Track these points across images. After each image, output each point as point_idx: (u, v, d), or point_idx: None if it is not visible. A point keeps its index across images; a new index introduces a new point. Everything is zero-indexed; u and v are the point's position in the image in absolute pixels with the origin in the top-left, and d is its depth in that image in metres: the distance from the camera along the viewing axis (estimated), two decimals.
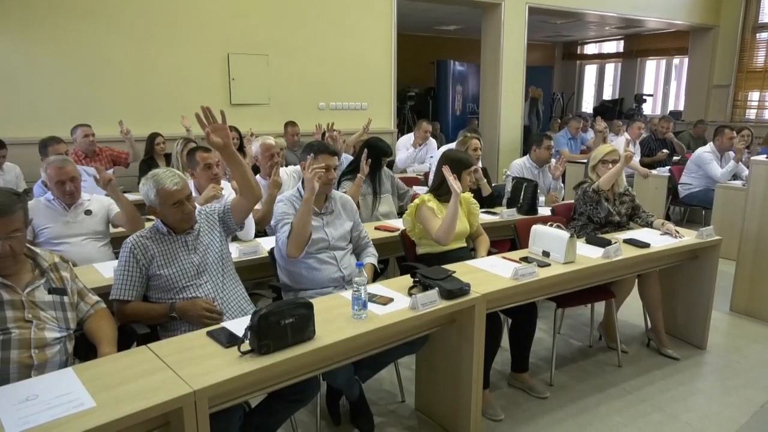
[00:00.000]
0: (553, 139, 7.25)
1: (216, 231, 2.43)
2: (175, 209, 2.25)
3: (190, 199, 2.30)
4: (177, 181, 2.25)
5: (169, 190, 2.23)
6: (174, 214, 2.26)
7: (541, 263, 2.73)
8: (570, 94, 14.00)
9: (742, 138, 5.78)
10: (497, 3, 7.40)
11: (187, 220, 2.30)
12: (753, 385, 3.03)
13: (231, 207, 2.45)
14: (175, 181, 2.25)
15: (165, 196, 2.23)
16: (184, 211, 2.25)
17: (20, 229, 1.83)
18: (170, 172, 2.30)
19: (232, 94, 5.92)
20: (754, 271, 3.86)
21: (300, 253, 2.50)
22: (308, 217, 2.48)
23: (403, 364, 2.94)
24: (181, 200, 2.25)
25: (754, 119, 9.49)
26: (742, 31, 9.44)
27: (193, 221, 2.33)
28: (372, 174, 3.78)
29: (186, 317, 2.19)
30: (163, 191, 2.23)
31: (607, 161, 3.41)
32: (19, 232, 1.82)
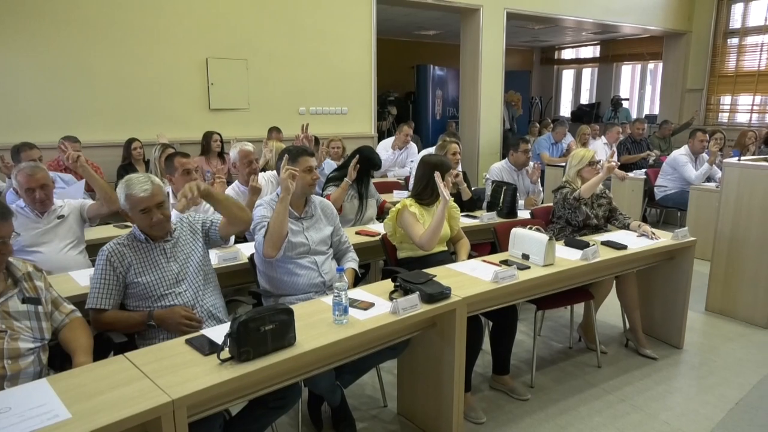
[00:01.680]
0: (536, 143, 7.40)
1: (198, 240, 2.40)
2: (144, 216, 2.21)
3: (161, 207, 2.25)
4: (146, 188, 2.21)
5: (136, 197, 2.20)
6: (142, 221, 2.23)
7: (521, 266, 2.75)
8: (548, 99, 14.16)
9: (715, 141, 5.91)
10: (476, 8, 7.47)
11: (158, 228, 2.26)
12: (728, 383, 3.09)
13: (219, 226, 2.44)
14: (145, 188, 2.21)
15: (133, 202, 2.21)
16: (152, 218, 2.21)
17: (8, 237, 1.82)
18: (143, 178, 2.26)
19: (210, 98, 5.88)
20: (727, 271, 3.94)
21: (277, 252, 2.48)
22: (285, 215, 2.46)
23: (384, 369, 2.93)
24: (149, 208, 2.21)
25: (727, 122, 9.71)
26: (714, 37, 9.66)
27: (165, 229, 2.29)
28: (359, 180, 3.79)
29: (164, 325, 2.16)
30: (131, 197, 2.21)
31: (594, 163, 3.46)
32: (8, 239, 1.81)
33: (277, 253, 2.49)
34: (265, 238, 2.47)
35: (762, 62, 9.26)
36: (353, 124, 6.77)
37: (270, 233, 2.46)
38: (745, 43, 9.50)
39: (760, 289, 3.78)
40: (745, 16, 9.44)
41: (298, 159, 2.65)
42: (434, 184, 2.95)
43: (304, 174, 2.62)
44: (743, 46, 9.52)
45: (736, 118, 9.74)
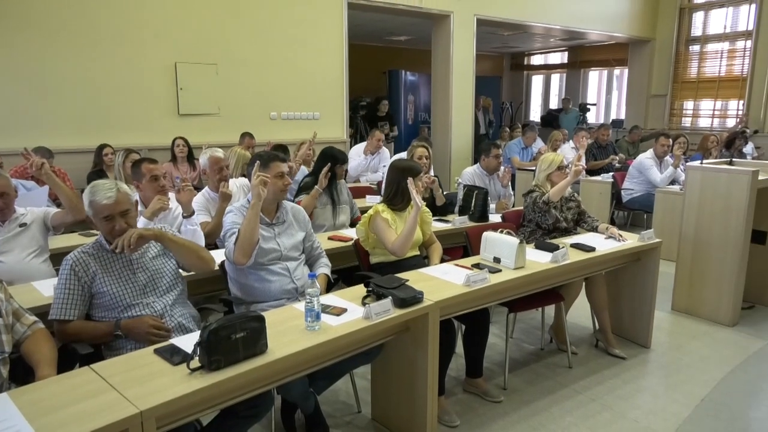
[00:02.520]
0: (507, 147, 7.50)
1: (171, 257, 2.36)
2: (106, 223, 2.17)
3: (126, 215, 2.20)
4: (110, 195, 2.16)
5: (99, 203, 2.15)
6: (104, 228, 2.18)
7: (493, 269, 2.77)
8: (518, 104, 14.36)
9: (678, 145, 6.08)
10: (446, 14, 7.54)
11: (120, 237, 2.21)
12: (694, 381, 3.16)
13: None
14: (109, 194, 2.16)
15: (96, 209, 2.17)
16: (114, 226, 2.16)
17: None
18: (110, 184, 2.21)
19: (180, 104, 5.79)
20: (692, 271, 4.04)
21: (247, 260, 2.46)
22: (256, 222, 2.44)
23: (358, 374, 2.92)
24: (112, 215, 2.16)
25: (690, 127, 10.00)
26: (677, 44, 9.95)
27: None
28: (329, 183, 3.78)
29: (132, 335, 2.11)
30: (94, 203, 2.16)
31: (563, 168, 3.52)
32: None
33: (248, 261, 2.46)
34: (236, 245, 2.44)
35: (722, 68, 9.58)
36: (325, 129, 6.74)
37: (241, 240, 2.43)
38: (705, 50, 9.81)
39: (723, 288, 3.89)
40: (706, 24, 9.75)
41: (270, 164, 2.63)
42: (405, 188, 2.97)
43: (275, 180, 2.61)
44: (704, 53, 9.82)
45: (699, 122, 10.04)
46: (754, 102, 9.08)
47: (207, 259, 2.41)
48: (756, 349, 3.57)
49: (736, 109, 9.45)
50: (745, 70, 9.16)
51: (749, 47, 9.07)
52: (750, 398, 3.01)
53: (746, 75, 9.14)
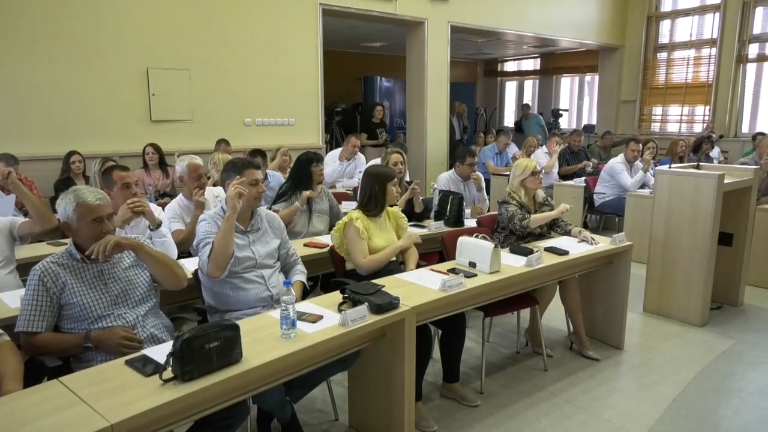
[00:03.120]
0: (481, 152, 7.58)
1: (145, 268, 2.32)
2: (95, 226, 2.12)
3: (111, 219, 2.20)
4: (100, 197, 2.17)
5: (91, 204, 2.12)
6: (92, 232, 2.12)
7: (468, 274, 2.79)
8: (492, 109, 14.52)
9: (648, 149, 6.23)
10: (421, 21, 7.60)
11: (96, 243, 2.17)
12: (666, 381, 3.23)
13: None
14: (99, 196, 2.16)
15: (86, 210, 2.11)
16: (103, 229, 2.13)
17: None
18: (94, 189, 2.21)
19: (152, 110, 5.71)
20: (662, 273, 4.13)
21: (221, 273, 2.43)
22: (230, 235, 2.42)
23: (335, 382, 2.91)
24: (101, 217, 2.14)
25: (659, 132, 10.24)
26: (645, 51, 10.20)
27: None
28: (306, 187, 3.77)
29: (102, 347, 2.06)
30: (84, 205, 2.11)
31: (536, 173, 3.55)
32: None
33: (222, 274, 2.44)
34: (210, 258, 2.41)
35: (688, 75, 9.84)
36: (301, 136, 6.73)
37: (215, 254, 2.40)
38: (673, 57, 10.07)
39: (692, 289, 3.98)
40: (672, 32, 10.02)
41: (244, 172, 2.60)
42: (378, 194, 2.98)
43: (250, 187, 2.58)
44: (671, 60, 10.09)
45: (667, 127, 10.29)
46: (719, 108, 9.35)
47: (181, 276, 2.38)
48: (724, 348, 3.66)
49: (702, 114, 9.71)
50: (711, 77, 9.43)
51: (714, 54, 9.34)
52: (719, 397, 3.08)
53: (711, 81, 9.40)
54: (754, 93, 9.31)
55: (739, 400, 3.04)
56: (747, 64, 9.15)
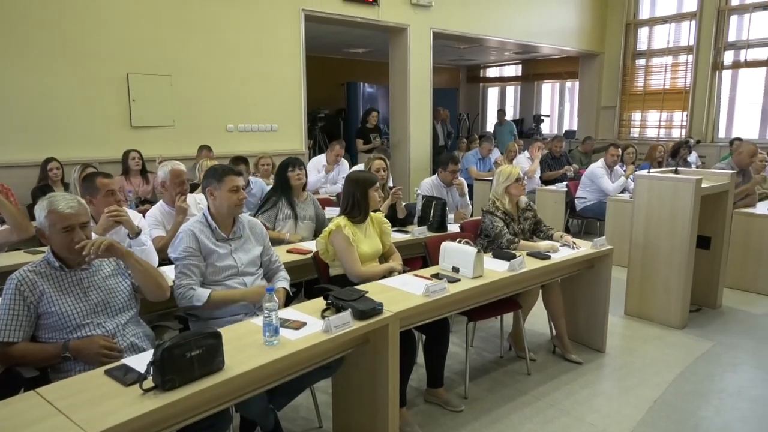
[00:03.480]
0: (464, 158, 7.62)
1: (127, 277, 2.29)
2: (65, 235, 2.08)
3: (85, 228, 2.14)
4: (73, 205, 2.12)
5: (62, 212, 2.08)
6: (63, 241, 2.08)
7: (451, 279, 2.80)
8: (475, 115, 14.62)
9: (628, 156, 6.33)
10: (403, 27, 7.63)
11: (78, 252, 2.12)
12: (647, 383, 3.26)
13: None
14: (72, 204, 2.11)
15: (56, 219, 2.07)
16: (73, 238, 2.09)
17: None
18: (69, 196, 2.17)
19: (132, 116, 5.65)
20: (642, 277, 4.18)
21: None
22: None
23: (319, 389, 2.89)
24: (72, 226, 2.09)
25: (638, 137, 10.39)
26: (624, 58, 10.36)
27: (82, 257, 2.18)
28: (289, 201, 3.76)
29: (81, 356, 2.03)
30: (55, 213, 2.07)
31: (520, 179, 3.57)
32: None
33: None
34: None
35: (666, 81, 10.01)
36: (284, 142, 6.71)
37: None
38: (651, 63, 10.24)
39: (671, 292, 4.04)
40: (650, 39, 10.20)
41: (224, 179, 2.58)
42: (361, 200, 2.98)
43: (230, 194, 2.56)
44: (650, 67, 10.26)
45: (646, 133, 10.45)
46: (696, 113, 9.53)
47: (165, 287, 2.36)
48: (704, 350, 3.72)
49: (680, 120, 9.89)
50: (688, 83, 9.61)
51: (691, 61, 9.52)
52: (699, 399, 3.12)
53: (689, 87, 9.58)
54: (729, 99, 9.50)
55: (719, 401, 3.08)
56: (722, 70, 9.34)
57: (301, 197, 3.87)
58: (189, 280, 2.46)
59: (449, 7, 8.00)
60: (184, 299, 2.45)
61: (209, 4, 5.97)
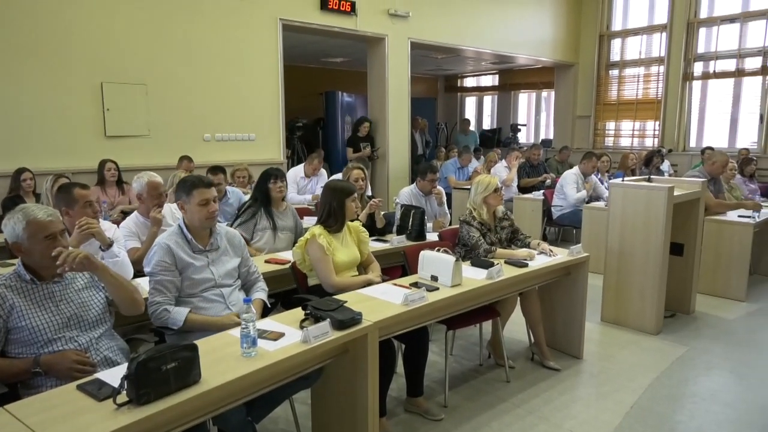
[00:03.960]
0: (443, 167, 7.68)
1: (101, 290, 2.25)
2: (48, 244, 2.05)
3: (63, 236, 2.12)
4: (51, 213, 2.10)
5: (42, 221, 2.04)
6: (44, 250, 2.04)
7: (430, 287, 2.81)
8: (453, 124, 14.73)
9: (602, 163, 6.45)
10: (381, 38, 7.68)
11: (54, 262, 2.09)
12: (624, 389, 3.30)
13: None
14: (49, 213, 2.09)
15: (37, 228, 2.04)
16: (55, 246, 2.05)
17: None
18: (42, 206, 2.14)
19: (106, 125, 5.57)
20: (618, 283, 4.24)
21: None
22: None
23: (298, 400, 2.86)
24: (54, 234, 2.06)
25: (612, 146, 10.59)
26: (598, 69, 10.57)
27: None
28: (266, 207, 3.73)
29: (53, 372, 1.98)
30: (34, 222, 2.04)
31: (498, 190, 3.60)
32: None
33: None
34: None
35: (639, 91, 10.23)
36: (262, 151, 6.68)
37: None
38: (624, 74, 10.47)
39: (646, 298, 4.10)
40: (623, 50, 10.42)
41: (193, 192, 2.53)
42: (338, 209, 2.98)
43: (199, 208, 2.52)
44: (623, 77, 10.48)
45: (620, 142, 10.65)
46: (668, 123, 9.75)
47: (140, 302, 2.31)
48: (678, 355, 3.78)
49: (653, 129, 10.10)
50: (660, 93, 9.83)
51: (662, 72, 9.75)
52: (674, 403, 3.17)
53: (660, 98, 9.81)
54: (699, 109, 9.75)
55: (693, 405, 3.14)
56: (692, 81, 9.58)
57: (280, 207, 3.85)
58: (163, 297, 2.43)
59: (427, 17, 8.08)
60: (158, 319, 2.41)
61: (186, 13, 5.93)
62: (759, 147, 8.75)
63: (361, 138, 7.80)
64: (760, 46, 8.71)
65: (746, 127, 9.24)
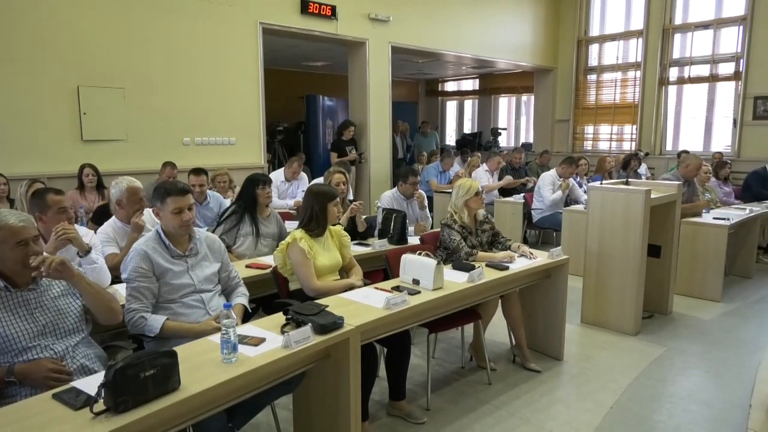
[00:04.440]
0: (425, 170, 7.71)
1: (77, 297, 2.21)
2: (20, 249, 2.01)
3: (37, 242, 2.08)
4: (24, 218, 2.06)
5: (14, 226, 2.00)
6: (16, 256, 2.01)
7: (412, 291, 2.81)
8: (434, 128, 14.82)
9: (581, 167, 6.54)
10: (362, 42, 7.69)
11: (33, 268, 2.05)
12: (603, 389, 3.34)
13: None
14: (22, 218, 2.05)
15: (8, 234, 1.99)
16: (29, 252, 2.02)
17: None
18: (14, 211, 2.12)
19: (83, 129, 5.48)
20: (597, 285, 4.30)
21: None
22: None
23: (280, 405, 2.84)
24: (26, 240, 2.02)
25: (591, 149, 10.73)
26: (576, 73, 10.72)
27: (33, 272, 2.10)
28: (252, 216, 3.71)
29: (28, 381, 1.94)
30: (6, 228, 1.99)
31: (479, 193, 3.63)
32: None
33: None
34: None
35: (617, 96, 10.39)
36: (242, 155, 6.63)
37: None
38: (602, 79, 10.62)
39: (625, 300, 4.16)
40: (601, 56, 10.58)
41: (166, 200, 2.49)
42: (319, 213, 2.97)
43: (173, 216, 2.48)
44: (601, 82, 10.63)
45: (599, 145, 10.79)
46: (645, 127, 9.92)
47: (117, 311, 2.28)
48: (657, 355, 3.84)
49: (630, 133, 10.26)
50: (637, 98, 9.99)
51: (639, 77, 9.92)
52: (653, 403, 3.21)
53: (637, 102, 9.97)
54: (675, 113, 9.93)
55: (671, 405, 3.18)
56: (668, 86, 9.76)
57: (264, 213, 3.83)
58: (139, 304, 2.39)
59: (407, 21, 8.11)
60: (135, 327, 2.38)
61: (164, 16, 5.87)
62: (733, 150, 8.94)
63: (345, 142, 7.80)
64: (733, 52, 8.91)
65: (720, 131, 9.44)
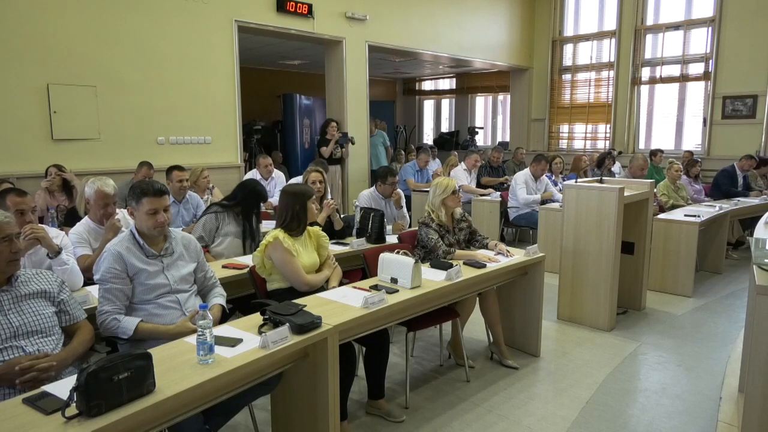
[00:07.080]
0: (402, 169, 7.72)
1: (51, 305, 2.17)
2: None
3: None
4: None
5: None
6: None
7: (390, 290, 2.81)
8: (412, 127, 14.85)
9: (555, 165, 6.63)
10: (338, 40, 7.67)
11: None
12: (579, 384, 3.39)
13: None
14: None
15: None
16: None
17: None
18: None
19: (53, 128, 5.35)
20: (573, 282, 4.36)
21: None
22: None
23: (258, 406, 2.82)
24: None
25: (566, 148, 10.88)
26: (551, 73, 10.86)
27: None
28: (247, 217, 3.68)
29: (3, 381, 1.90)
30: None
31: (456, 191, 3.64)
32: None
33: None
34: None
35: (591, 95, 10.55)
36: (218, 154, 6.56)
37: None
38: (576, 78, 10.77)
39: (600, 296, 4.23)
40: (575, 56, 10.73)
41: (141, 200, 2.45)
42: (298, 213, 2.96)
43: (147, 217, 2.44)
44: (575, 81, 10.78)
45: (574, 144, 10.95)
46: (619, 126, 10.09)
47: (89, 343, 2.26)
48: (631, 350, 3.91)
49: (604, 132, 10.42)
50: (610, 97, 10.16)
51: (612, 77, 10.09)
52: (627, 397, 3.27)
53: (611, 101, 10.14)
54: (648, 112, 10.12)
55: (645, 399, 3.25)
56: (641, 86, 9.95)
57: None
58: (112, 305, 2.35)
59: (384, 20, 8.11)
60: (108, 329, 2.34)
61: (137, 13, 5.77)
62: (703, 149, 9.15)
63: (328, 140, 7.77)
64: (702, 53, 9.11)
65: (691, 130, 9.65)
